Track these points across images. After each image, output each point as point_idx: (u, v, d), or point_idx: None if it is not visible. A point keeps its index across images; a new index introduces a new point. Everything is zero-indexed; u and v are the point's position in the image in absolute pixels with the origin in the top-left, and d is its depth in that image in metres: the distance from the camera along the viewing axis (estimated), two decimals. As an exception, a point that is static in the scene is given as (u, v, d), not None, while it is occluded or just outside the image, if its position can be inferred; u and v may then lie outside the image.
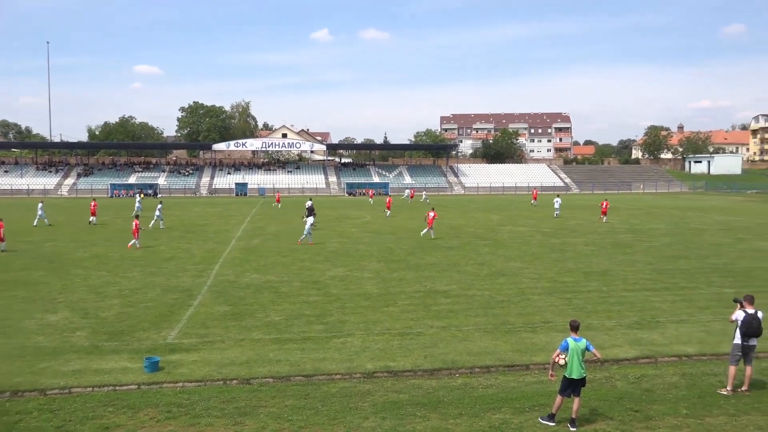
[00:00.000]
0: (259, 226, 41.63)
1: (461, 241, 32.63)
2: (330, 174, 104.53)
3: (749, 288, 19.97)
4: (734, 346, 11.43)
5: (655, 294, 19.42)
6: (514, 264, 25.21)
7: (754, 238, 33.88)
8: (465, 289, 20.23)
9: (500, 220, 46.16)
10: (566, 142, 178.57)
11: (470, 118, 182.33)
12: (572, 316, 16.48)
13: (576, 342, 10.06)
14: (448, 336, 14.84)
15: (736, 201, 72.78)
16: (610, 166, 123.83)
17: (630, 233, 36.70)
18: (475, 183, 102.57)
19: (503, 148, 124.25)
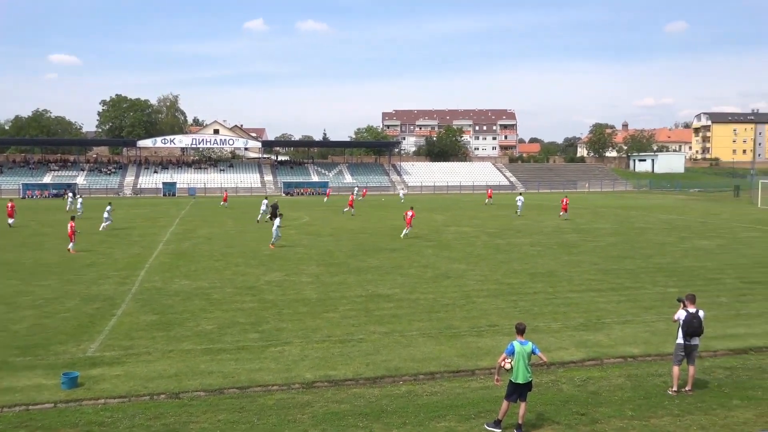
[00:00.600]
0: (189, 228, 40.77)
1: (404, 243, 32.83)
2: (266, 173, 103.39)
3: (692, 287, 20.87)
4: (677, 346, 11.92)
5: (601, 294, 20.05)
6: (459, 266, 25.55)
7: (696, 237, 35.44)
8: (408, 292, 20.36)
9: (444, 220, 46.70)
10: (511, 140, 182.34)
11: (413, 115, 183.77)
12: (518, 318, 16.81)
13: (522, 345, 10.25)
14: (391, 342, 14.90)
15: (679, 200, 75.99)
16: (555, 165, 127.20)
17: (576, 233, 37.78)
18: (418, 182, 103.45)
19: (447, 146, 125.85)
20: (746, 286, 21.41)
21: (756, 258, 27.59)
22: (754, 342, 14.84)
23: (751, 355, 13.99)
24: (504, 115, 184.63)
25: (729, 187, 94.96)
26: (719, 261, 26.80)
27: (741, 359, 13.75)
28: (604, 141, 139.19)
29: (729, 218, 48.68)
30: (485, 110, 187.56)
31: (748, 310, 18.04)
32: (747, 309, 18.12)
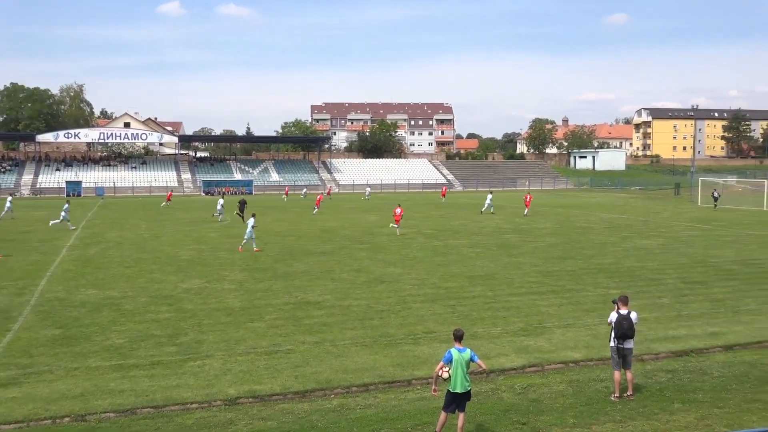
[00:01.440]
0: (96, 232, 39.51)
1: (335, 246, 32.81)
2: (183, 170, 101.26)
3: (634, 288, 21.70)
4: (611, 350, 12.37)
5: (542, 297, 20.57)
6: (394, 270, 25.71)
7: (637, 236, 36.84)
8: (340, 299, 20.34)
9: (378, 221, 46.89)
10: (448, 136, 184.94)
11: (345, 108, 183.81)
12: (456, 324, 17.03)
13: (460, 353, 10.36)
14: (322, 352, 14.85)
15: (620, 198, 78.83)
16: (494, 162, 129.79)
17: (516, 233, 38.64)
18: (350, 179, 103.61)
19: (381, 142, 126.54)
20: (687, 286, 22.40)
21: (696, 257, 28.91)
22: (695, 343, 15.53)
23: (692, 357, 14.64)
24: (440, 109, 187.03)
25: (670, 185, 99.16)
26: (660, 261, 27.94)
27: (682, 361, 14.36)
28: (544, 137, 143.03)
29: (670, 217, 50.82)
30: (421, 104, 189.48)
31: (688, 310, 18.87)
32: (687, 310, 18.96)
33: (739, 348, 15.32)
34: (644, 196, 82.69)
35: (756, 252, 30.60)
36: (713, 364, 14.09)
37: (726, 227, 42.27)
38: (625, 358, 12.19)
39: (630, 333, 12.02)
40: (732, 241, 34.87)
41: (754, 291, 21.52)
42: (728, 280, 23.40)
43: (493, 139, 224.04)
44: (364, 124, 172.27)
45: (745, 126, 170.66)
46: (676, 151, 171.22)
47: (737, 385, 12.78)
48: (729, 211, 56.32)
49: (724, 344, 15.51)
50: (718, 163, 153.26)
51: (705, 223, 45.28)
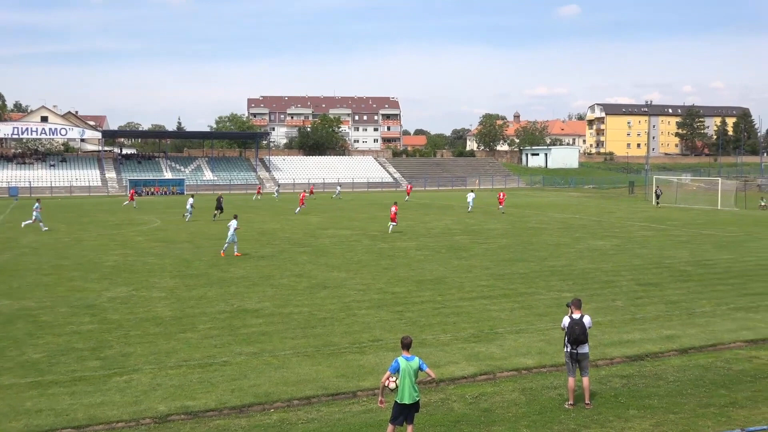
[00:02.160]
0: (9, 236, 38.31)
1: (275, 249, 32.60)
2: (107, 169, 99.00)
3: (588, 290, 22.19)
4: (565, 355, 12.62)
5: (493, 302, 20.85)
6: (338, 274, 25.69)
7: (591, 237, 37.71)
8: (280, 306, 20.23)
9: (321, 222, 46.80)
10: (395, 132, 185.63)
11: (284, 102, 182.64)
12: (404, 331, 17.12)
13: (408, 361, 10.38)
14: (261, 364, 14.73)
15: (573, 197, 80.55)
16: (443, 159, 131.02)
17: (466, 234, 39.06)
18: (290, 178, 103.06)
19: (323, 138, 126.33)
20: (641, 288, 23.03)
21: (650, 258, 29.75)
22: (650, 347, 15.98)
23: (647, 362, 15.05)
24: (386, 104, 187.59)
25: (624, 184, 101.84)
26: (615, 262, 28.66)
27: (637, 366, 14.76)
28: (495, 133, 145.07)
29: (624, 216, 52.17)
30: (365, 98, 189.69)
31: (643, 314, 19.40)
32: (642, 313, 19.49)
33: (694, 351, 15.83)
34: (598, 195, 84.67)
35: (710, 252, 31.67)
36: (668, 369, 14.52)
37: (680, 227, 43.63)
38: (581, 364, 12.43)
39: (582, 338, 12.27)
40: (686, 241, 36.01)
41: (708, 292, 22.27)
42: (683, 282, 24.15)
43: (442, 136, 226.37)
44: (305, 119, 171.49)
45: (699, 123, 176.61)
46: (630, 148, 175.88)
47: (692, 389, 13.20)
48: (683, 211, 58.16)
49: (678, 348, 16.00)
50: (673, 161, 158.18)
51: (659, 222, 46.63)
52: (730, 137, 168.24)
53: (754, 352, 15.75)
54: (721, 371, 14.30)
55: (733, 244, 34.86)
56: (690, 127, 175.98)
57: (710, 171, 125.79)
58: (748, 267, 27.47)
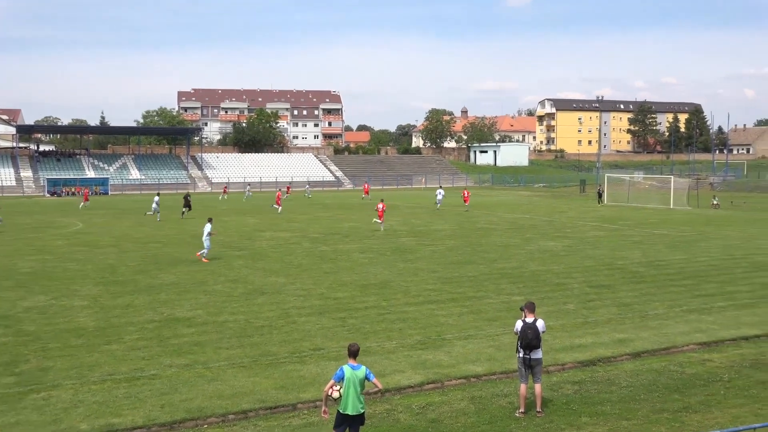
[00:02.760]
0: None
1: (209, 253, 32.19)
2: (23, 167, 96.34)
3: (539, 293, 22.55)
4: (518, 361, 12.80)
5: (441, 307, 21.01)
6: (276, 279, 25.55)
7: (541, 238, 38.34)
8: (214, 314, 20.01)
9: (258, 224, 46.47)
10: (336, 127, 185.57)
11: (218, 95, 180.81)
12: (347, 339, 17.10)
13: (353, 370, 10.37)
14: (193, 376, 14.54)
15: (523, 196, 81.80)
16: (388, 157, 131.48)
17: (412, 236, 39.27)
18: (224, 177, 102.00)
19: (260, 134, 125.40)
20: (593, 290, 23.53)
21: (602, 259, 30.41)
22: (602, 352, 16.33)
23: (599, 367, 15.37)
24: (327, 98, 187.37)
25: (575, 182, 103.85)
26: (566, 264, 29.20)
27: (589, 372, 15.06)
28: (442, 130, 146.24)
29: (575, 216, 53.21)
30: (305, 91, 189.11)
31: (595, 317, 19.82)
32: (594, 316, 19.90)
33: (647, 355, 16.23)
34: (549, 194, 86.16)
35: (663, 253, 32.54)
36: (621, 374, 14.85)
37: (633, 227, 44.72)
38: (533, 370, 12.59)
39: (535, 342, 12.44)
40: (639, 241, 36.93)
41: (661, 294, 22.88)
42: (636, 284, 24.75)
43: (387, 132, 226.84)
44: (240, 113, 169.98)
45: (651, 119, 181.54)
46: (582, 145, 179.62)
47: (645, 394, 13.53)
48: (636, 210, 59.63)
49: (631, 351, 16.38)
50: (625, 159, 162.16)
51: (612, 222, 47.70)
52: (683, 134, 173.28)
53: (707, 354, 16.24)
54: (675, 375, 14.70)
55: (685, 244, 35.89)
56: (642, 123, 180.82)
57: (663, 169, 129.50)
58: (701, 267, 28.33)
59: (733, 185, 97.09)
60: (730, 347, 16.87)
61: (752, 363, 15.51)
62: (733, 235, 39.75)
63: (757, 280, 25.40)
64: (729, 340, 17.46)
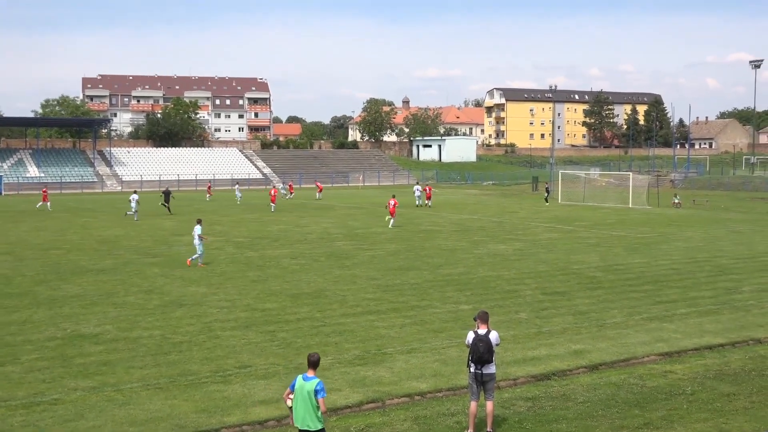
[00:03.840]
0: None
1: (118, 261, 31.73)
2: None
3: (488, 302, 22.79)
4: (468, 377, 12.89)
5: (381, 318, 21.07)
6: (197, 289, 25.29)
7: (491, 241, 38.80)
8: (126, 329, 19.71)
9: (175, 227, 45.88)
10: (264, 119, 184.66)
11: (129, 82, 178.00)
12: (277, 355, 17.04)
13: (304, 381, 10.49)
14: (102, 400, 14.28)
15: (470, 195, 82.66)
16: (322, 151, 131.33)
17: (348, 240, 39.28)
18: (137, 175, 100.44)
19: (177, 126, 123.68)
20: (547, 298, 23.91)
21: (557, 264, 30.94)
22: (557, 365, 16.60)
23: (554, 381, 15.62)
24: (253, 86, 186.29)
25: (527, 179, 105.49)
26: (518, 269, 29.62)
27: (543, 387, 15.29)
28: (381, 121, 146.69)
29: (527, 216, 54.01)
30: (228, 79, 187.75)
31: (549, 326, 20.14)
32: (549, 326, 20.22)
33: (605, 367, 16.57)
34: (498, 193, 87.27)
35: (621, 256, 33.27)
36: (577, 388, 15.11)
37: (589, 228, 45.62)
38: (485, 386, 12.68)
39: (487, 356, 12.52)
40: (596, 244, 37.69)
41: (619, 301, 23.38)
42: (592, 290, 25.26)
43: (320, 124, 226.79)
44: (154, 103, 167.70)
45: (608, 111, 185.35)
46: (534, 139, 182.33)
47: (603, 410, 13.80)
48: (592, 209, 60.84)
49: (588, 364, 16.70)
50: (580, 154, 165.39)
51: (566, 223, 48.57)
52: (642, 127, 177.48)
53: (668, 366, 16.65)
54: (635, 389, 15.02)
55: (645, 246, 36.77)
56: (598, 115, 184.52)
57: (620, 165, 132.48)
58: (661, 272, 29.06)
59: (695, 182, 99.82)
60: (692, 357, 17.35)
61: (716, 374, 15.97)
62: (696, 237, 40.91)
63: (721, 285, 26.19)
64: (692, 349, 17.95)
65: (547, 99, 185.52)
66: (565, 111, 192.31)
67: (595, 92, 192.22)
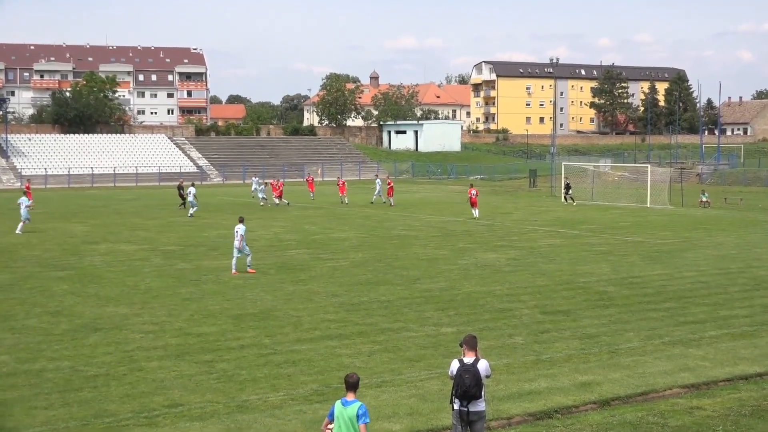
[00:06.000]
0: None
1: (16, 275, 31.42)
2: None
3: (476, 323, 22.82)
4: (452, 415, 12.84)
5: (344, 343, 21.01)
6: (115, 309, 25.10)
7: (479, 248, 38.87)
8: (26, 360, 19.55)
9: (89, 232, 45.50)
10: (199, 99, 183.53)
11: (30, 53, 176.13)
12: (216, 391, 16.95)
13: (344, 406, 10.93)
14: (-3, 449, 14.11)
15: (454, 192, 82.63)
16: (271, 139, 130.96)
17: (304, 247, 39.15)
18: (41, 168, 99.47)
19: (91, 108, 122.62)
20: (548, 317, 23.98)
21: (559, 276, 31.06)
22: (561, 400, 16.62)
23: (556, 420, 15.66)
24: (186, 58, 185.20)
25: (523, 173, 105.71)
26: (512, 283, 29.69)
27: (544, 427, 15.32)
28: (345, 102, 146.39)
29: (523, 218, 54.17)
30: (155, 49, 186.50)
31: (550, 353, 20.19)
32: (550, 352, 20.28)
33: (618, 403, 16.61)
34: (488, 189, 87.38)
35: (638, 267, 33.47)
36: (585, 429, 15.16)
37: (599, 232, 45.85)
38: (473, 426, 12.63)
39: (475, 390, 12.46)
40: (607, 252, 37.89)
41: (635, 321, 23.51)
42: (603, 308, 25.37)
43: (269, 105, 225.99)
44: (62, 79, 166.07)
45: (621, 89, 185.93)
46: (531, 123, 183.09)
47: (617, 455, 13.86)
48: (602, 210, 61.14)
49: (598, 399, 16.74)
50: (587, 142, 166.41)
51: (571, 226, 48.79)
52: (662, 109, 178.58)
53: (695, 400, 16.74)
54: (655, 429, 15.09)
55: (666, 254, 37.01)
56: (609, 94, 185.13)
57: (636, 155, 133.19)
58: (686, 285, 29.27)
59: (727, 177, 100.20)
60: (724, 390, 17.45)
61: (753, 410, 16.06)
62: (728, 243, 41.27)
63: (758, 301, 26.45)
64: (723, 380, 18.06)
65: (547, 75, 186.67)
66: (569, 89, 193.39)
67: (605, 67, 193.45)
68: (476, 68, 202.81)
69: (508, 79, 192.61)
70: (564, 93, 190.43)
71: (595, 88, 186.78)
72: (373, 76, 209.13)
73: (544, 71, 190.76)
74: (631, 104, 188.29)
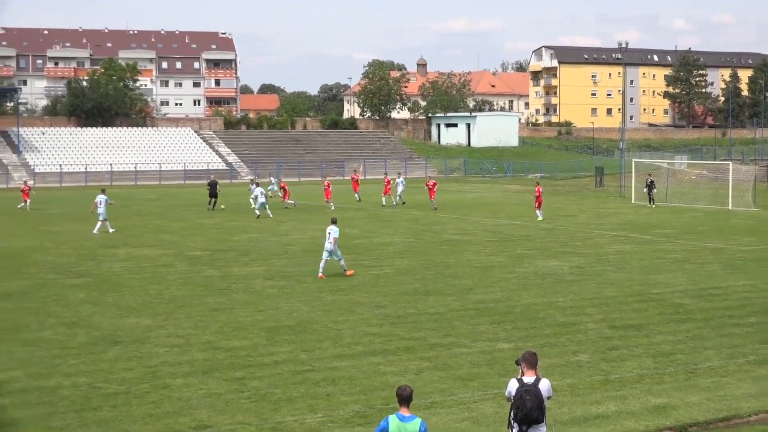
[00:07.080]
0: None
1: (30, 282, 31.73)
2: None
3: (536, 338, 22.70)
4: (510, 441, 12.78)
5: (389, 360, 21.00)
6: (137, 320, 25.29)
7: (539, 255, 38.70)
8: (40, 376, 19.70)
9: (107, 235, 45.78)
10: (228, 88, 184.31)
11: (43, 38, 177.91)
12: (247, 411, 16.98)
13: (402, 422, 10.92)
14: (8, 473, 14.26)
15: (510, 192, 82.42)
16: (307, 133, 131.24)
17: (345, 253, 38.84)
18: (55, 164, 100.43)
19: (110, 98, 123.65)
20: (617, 333, 23.79)
21: (629, 286, 30.82)
22: (632, 425, 16.49)
23: (627, 448, 15.55)
24: (214, 43, 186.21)
25: (588, 171, 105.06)
26: (576, 294, 29.53)
27: (613, 455, 15.22)
28: (389, 92, 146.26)
29: (588, 221, 53.86)
30: (180, 33, 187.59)
31: (620, 372, 20.03)
32: (619, 371, 20.11)
33: (697, 429, 16.45)
34: (550, 189, 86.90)
35: (718, 277, 33.14)
36: (659, 457, 15.03)
37: (674, 237, 45.44)
38: (532, 456, 12.59)
39: (536, 414, 12.36)
40: (683, 259, 37.55)
41: (715, 338, 23.25)
42: (679, 323, 25.13)
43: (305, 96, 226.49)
44: (78, 66, 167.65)
45: (699, 78, 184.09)
46: (597, 115, 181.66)
47: (696, 488, 13.73)
48: (677, 212, 60.53)
49: (674, 424, 16.58)
50: (661, 136, 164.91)
51: (643, 231, 48.40)
52: (745, 99, 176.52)
53: (785, 427, 16.54)
54: (738, 459, 14.93)
55: (751, 263, 36.62)
56: (685, 83, 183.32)
57: (717, 151, 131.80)
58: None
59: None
60: (818, 416, 17.24)
61: None
62: (820, 250, 40.71)
63: None
64: (817, 405, 17.83)
65: (615, 61, 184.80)
66: (640, 78, 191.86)
67: (681, 52, 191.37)
68: (536, 54, 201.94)
69: (571, 66, 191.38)
70: (634, 81, 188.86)
71: (669, 76, 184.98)
72: (420, 63, 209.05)
73: (611, 57, 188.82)
74: (710, 94, 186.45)
